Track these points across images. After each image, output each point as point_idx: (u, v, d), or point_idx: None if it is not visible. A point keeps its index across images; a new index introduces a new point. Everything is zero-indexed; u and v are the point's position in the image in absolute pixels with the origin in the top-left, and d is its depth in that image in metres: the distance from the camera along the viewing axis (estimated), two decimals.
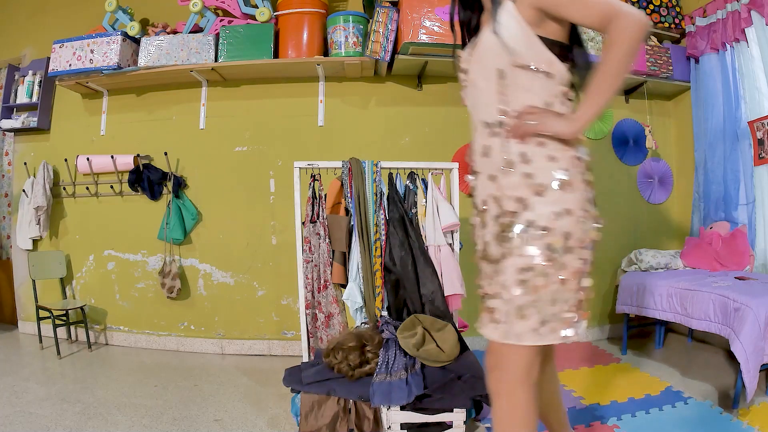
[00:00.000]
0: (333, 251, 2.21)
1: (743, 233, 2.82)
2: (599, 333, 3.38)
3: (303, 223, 2.24)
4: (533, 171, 1.08)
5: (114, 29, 3.25)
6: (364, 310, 2.17)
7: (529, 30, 1.05)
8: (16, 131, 3.59)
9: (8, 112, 3.59)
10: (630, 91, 3.49)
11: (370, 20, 2.93)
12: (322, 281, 2.20)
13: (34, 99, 3.46)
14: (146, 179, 3.22)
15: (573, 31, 1.13)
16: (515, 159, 1.10)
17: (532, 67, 1.07)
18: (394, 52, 2.91)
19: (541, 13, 1.04)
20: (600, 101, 1.02)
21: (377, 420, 1.79)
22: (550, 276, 1.05)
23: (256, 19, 3.06)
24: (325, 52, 3.08)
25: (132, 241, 3.34)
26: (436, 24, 2.81)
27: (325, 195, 2.28)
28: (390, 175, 2.28)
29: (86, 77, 3.16)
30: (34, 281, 3.21)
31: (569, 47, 1.12)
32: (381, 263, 2.15)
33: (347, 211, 2.22)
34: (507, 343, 1.08)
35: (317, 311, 2.21)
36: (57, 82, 3.35)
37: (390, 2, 2.91)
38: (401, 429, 1.81)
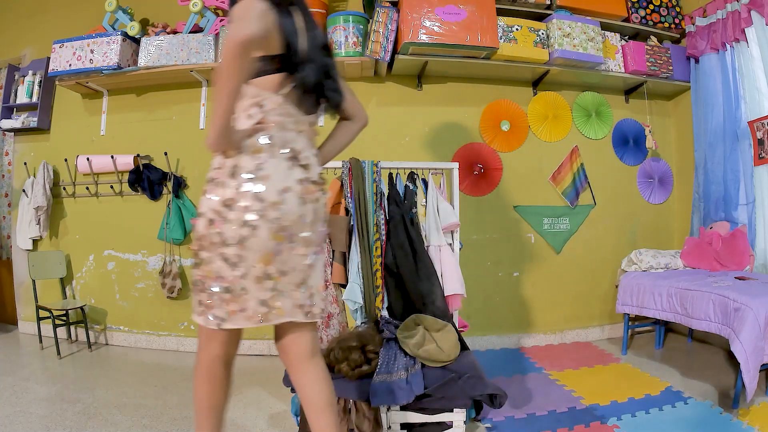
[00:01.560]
0: (333, 251, 2.20)
1: (743, 233, 2.82)
2: (599, 333, 3.37)
3: None
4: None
5: (114, 29, 3.25)
6: (364, 310, 2.17)
7: None
8: (16, 131, 3.59)
9: (8, 112, 3.60)
10: (630, 91, 3.50)
11: (370, 20, 2.93)
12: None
13: (34, 99, 3.47)
14: (146, 179, 3.22)
15: (292, 49, 1.20)
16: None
17: None
18: (394, 52, 2.91)
19: None
20: (216, 117, 1.08)
21: (377, 420, 1.79)
22: (197, 270, 1.20)
23: None
24: None
25: (132, 241, 3.34)
26: (436, 24, 2.81)
27: None
28: (390, 175, 2.28)
29: (86, 77, 3.16)
30: (34, 281, 3.21)
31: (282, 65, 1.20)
32: (381, 263, 2.15)
33: (347, 211, 2.22)
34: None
35: None
36: (57, 82, 3.35)
37: (390, 2, 2.91)
38: (401, 429, 1.81)
